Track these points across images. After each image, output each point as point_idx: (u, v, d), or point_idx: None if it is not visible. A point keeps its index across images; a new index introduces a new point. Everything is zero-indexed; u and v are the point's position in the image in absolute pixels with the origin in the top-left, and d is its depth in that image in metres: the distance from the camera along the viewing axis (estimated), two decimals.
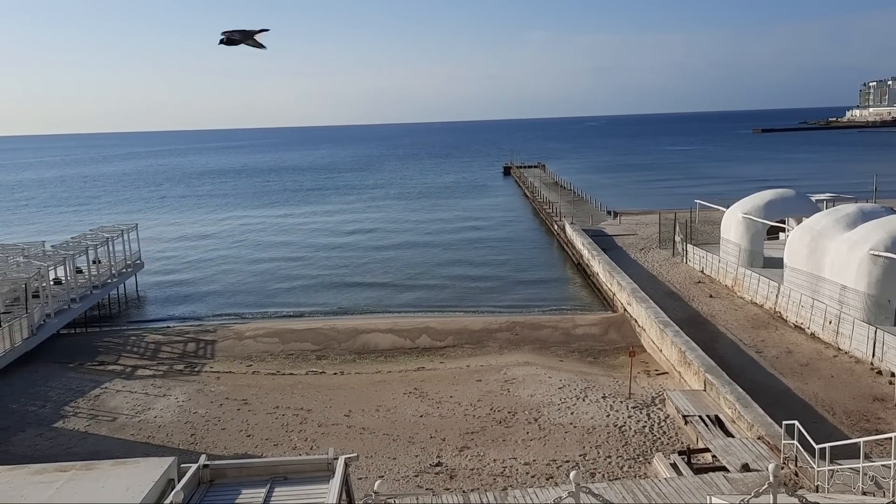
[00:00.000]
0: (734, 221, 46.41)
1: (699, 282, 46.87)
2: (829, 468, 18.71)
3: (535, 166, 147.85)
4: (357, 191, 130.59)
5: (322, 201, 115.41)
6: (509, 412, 27.82)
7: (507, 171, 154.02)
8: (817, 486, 18.87)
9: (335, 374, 34.83)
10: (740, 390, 25.85)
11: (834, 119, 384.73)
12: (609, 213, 77.49)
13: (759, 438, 22.68)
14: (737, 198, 50.23)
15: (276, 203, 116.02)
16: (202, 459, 13.92)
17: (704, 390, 27.53)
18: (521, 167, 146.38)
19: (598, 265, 49.55)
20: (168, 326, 44.89)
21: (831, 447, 18.82)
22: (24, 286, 40.61)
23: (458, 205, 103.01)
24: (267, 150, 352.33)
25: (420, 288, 54.20)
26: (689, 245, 52.57)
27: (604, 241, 59.81)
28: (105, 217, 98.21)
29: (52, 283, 44.40)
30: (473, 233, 77.97)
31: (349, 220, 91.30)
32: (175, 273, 62.90)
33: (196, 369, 35.98)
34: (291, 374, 35.02)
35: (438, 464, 23.90)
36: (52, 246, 50.58)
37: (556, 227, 72.24)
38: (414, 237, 76.71)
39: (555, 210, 78.58)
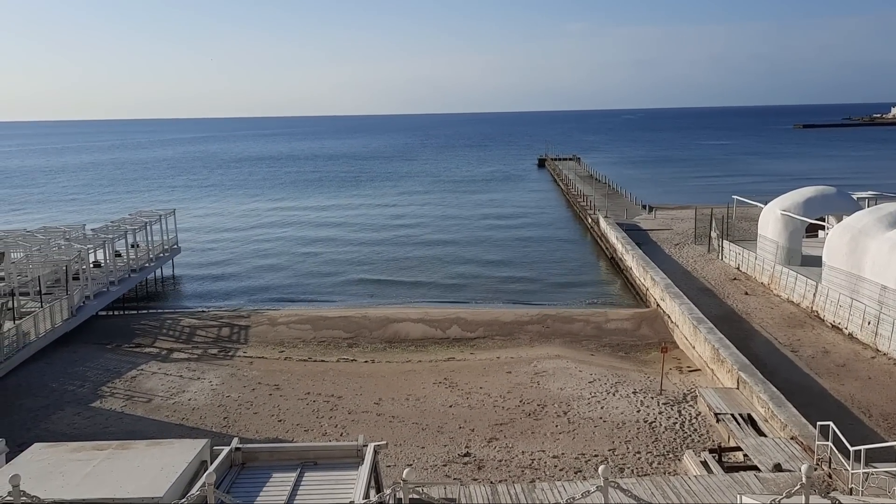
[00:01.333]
0: (772, 218, 45.68)
1: (734, 279, 46.29)
2: (864, 471, 18.38)
3: (570, 159, 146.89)
4: (391, 180, 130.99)
5: (356, 190, 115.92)
6: (539, 405, 27.81)
7: (541, 164, 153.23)
8: (851, 489, 18.56)
9: (366, 362, 35.09)
10: (774, 389, 25.50)
11: (878, 115, 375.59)
12: (644, 207, 76.77)
13: (792, 438, 22.37)
14: (775, 194, 49.43)
15: (309, 192, 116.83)
16: (234, 442, 14.15)
17: (737, 388, 27.22)
18: (555, 159, 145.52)
19: (632, 260, 49.19)
20: (203, 311, 45.56)
21: (867, 450, 18.49)
22: (64, 268, 41.52)
23: (491, 196, 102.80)
24: (303, 139, 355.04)
25: (451, 278, 54.25)
26: (725, 241, 51.90)
27: (638, 236, 59.29)
28: (143, 202, 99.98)
29: (91, 265, 45.31)
30: (506, 225, 77.78)
31: (383, 210, 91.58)
32: (211, 258, 63.78)
33: (230, 354, 36.50)
34: (323, 360, 35.36)
35: (467, 454, 23.98)
36: (92, 229, 51.63)
37: (589, 220, 71.77)
38: (446, 227, 76.75)
39: (589, 203, 78.03)
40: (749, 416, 24.77)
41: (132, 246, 49.92)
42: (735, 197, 62.75)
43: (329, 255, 63.84)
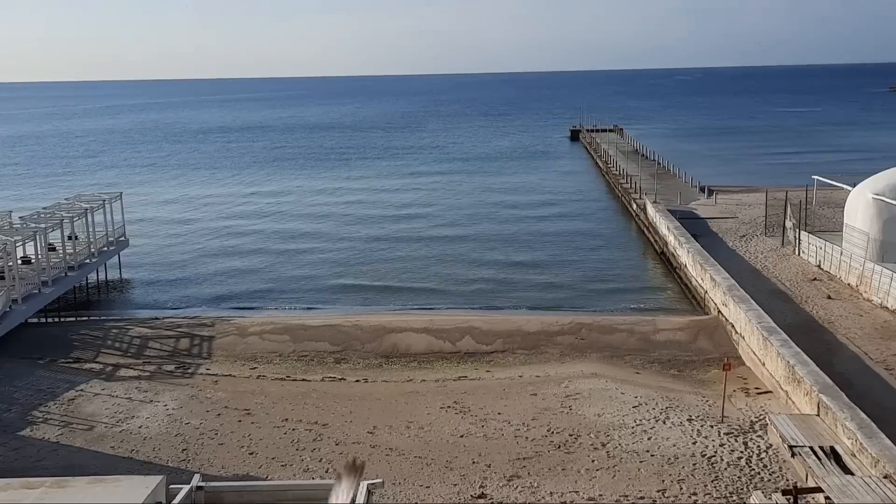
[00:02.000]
0: (862, 204, 45.45)
1: (815, 279, 46.10)
2: None
3: (611, 130, 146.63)
4: (390, 158, 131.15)
5: (347, 169, 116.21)
6: (571, 435, 27.80)
7: (574, 136, 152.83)
8: None
9: (357, 381, 35.12)
10: (864, 416, 25.40)
11: None
12: (702, 189, 76.52)
13: (885, 477, 22.31)
14: (866, 174, 49.14)
15: (290, 170, 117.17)
16: (195, 480, 14.23)
17: (818, 415, 27.14)
18: (592, 131, 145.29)
19: (687, 255, 49.09)
20: (157, 318, 45.63)
21: None
22: None
23: (513, 176, 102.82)
24: (284, 105, 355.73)
25: (463, 278, 54.33)
26: (802, 232, 51.69)
27: (695, 226, 59.11)
28: (85, 183, 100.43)
29: (19, 262, 45.48)
30: (531, 211, 77.84)
31: (378, 196, 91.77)
32: (167, 254, 64.07)
33: (189, 371, 36.61)
34: (304, 379, 35.41)
35: (482, 495, 24.00)
36: (20, 217, 51.81)
37: (634, 206, 71.58)
38: (456, 218, 76.80)
39: (634, 185, 77.89)
40: (832, 449, 24.68)
41: (69, 238, 50.14)
42: (816, 177, 62.54)
43: (312, 252, 64.02)
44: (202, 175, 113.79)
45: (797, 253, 51.64)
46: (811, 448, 24.81)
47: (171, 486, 14.64)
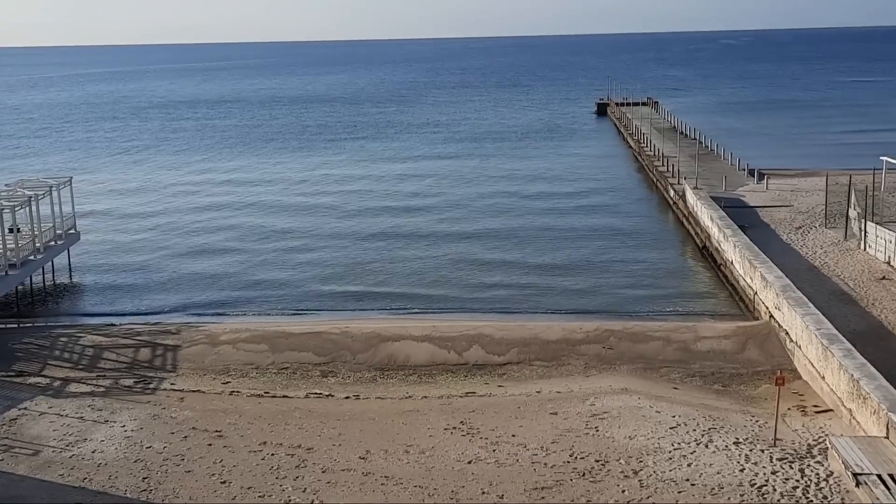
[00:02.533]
0: None
1: (883, 278, 45.95)
2: None
3: (644, 103, 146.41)
4: (386, 136, 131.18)
5: (336, 152, 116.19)
6: (597, 461, 27.74)
7: (601, 110, 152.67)
8: None
9: (347, 398, 35.06)
10: None
11: None
12: (751, 173, 76.34)
13: None
14: None
15: (269, 153, 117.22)
16: None
17: (887, 437, 27.03)
18: (622, 104, 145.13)
19: (734, 251, 48.99)
20: (113, 324, 45.63)
21: None
22: None
23: (529, 160, 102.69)
24: (262, 74, 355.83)
25: (470, 278, 54.33)
26: (869, 223, 51.52)
27: (743, 216, 58.96)
28: (29, 167, 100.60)
29: None
30: (549, 202, 77.80)
31: (373, 181, 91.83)
32: (125, 249, 64.14)
33: (151, 386, 36.55)
34: (285, 396, 35.35)
35: None
36: None
37: (672, 193, 71.41)
38: (464, 202, 76.84)
39: (671, 168, 77.73)
40: None
41: (10, 231, 50.18)
42: (885, 159, 62.31)
43: (295, 249, 63.90)
44: (167, 158, 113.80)
45: (863, 248, 51.46)
46: (879, 476, 24.70)
47: None
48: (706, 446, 28.44)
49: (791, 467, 26.84)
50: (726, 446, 28.36)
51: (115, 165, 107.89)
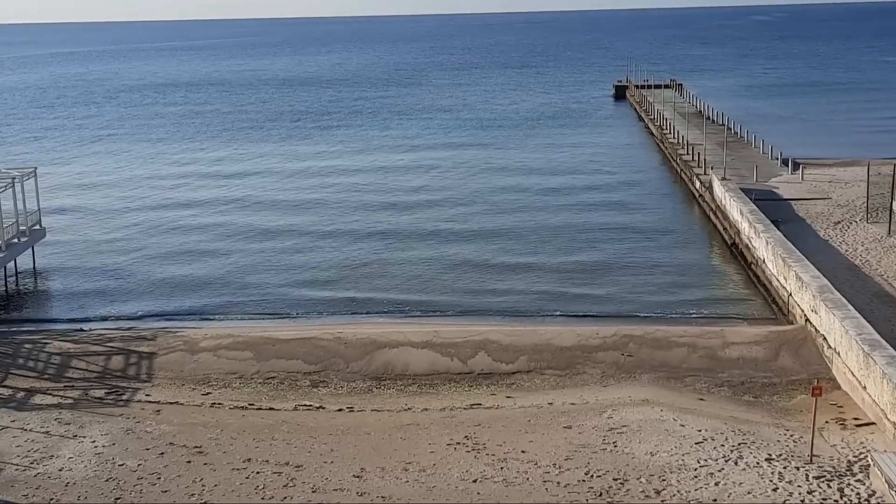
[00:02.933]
0: None
1: None
2: None
3: (667, 86, 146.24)
4: (384, 123, 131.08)
5: (328, 140, 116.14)
6: (616, 479, 27.74)
7: (620, 93, 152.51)
8: None
9: (340, 410, 35.05)
10: None
11: None
12: (785, 162, 76.22)
13: None
14: None
15: (254, 140, 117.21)
16: None
17: None
18: (642, 87, 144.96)
19: (766, 248, 48.93)
20: (82, 329, 45.72)
21: None
22: None
23: (541, 147, 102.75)
24: (247, 54, 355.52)
25: (475, 278, 54.36)
26: None
27: (776, 209, 58.90)
28: None
29: None
30: (564, 193, 77.86)
31: (369, 171, 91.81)
32: (95, 247, 64.20)
33: (124, 397, 36.54)
34: (272, 408, 35.35)
35: None
36: None
37: (697, 184, 71.35)
38: (468, 197, 76.91)
39: (697, 157, 77.64)
40: None
41: None
42: None
43: (283, 249, 63.83)
44: (143, 148, 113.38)
45: None
46: None
47: None
48: (735, 463, 28.41)
49: (829, 486, 26.81)
50: (758, 463, 28.33)
51: (85, 156, 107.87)
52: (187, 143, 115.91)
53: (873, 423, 31.51)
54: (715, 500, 26.36)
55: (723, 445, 29.67)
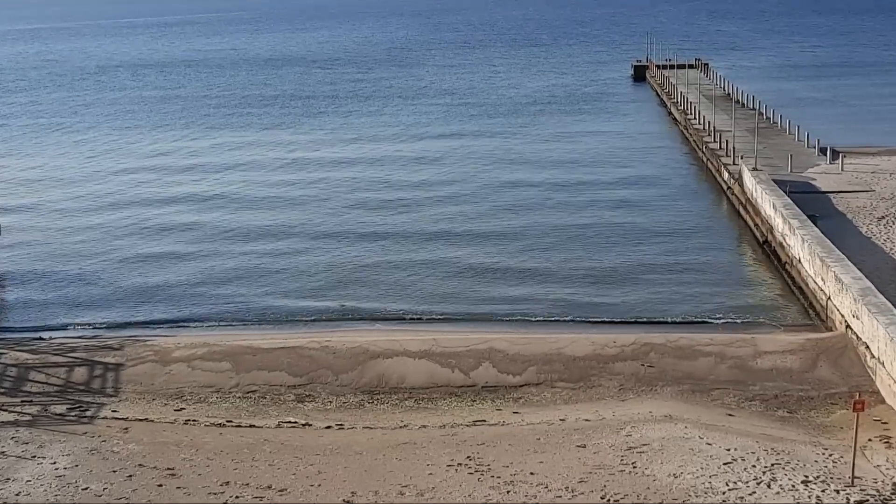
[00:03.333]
0: None
1: None
2: None
3: (691, 66, 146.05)
4: (375, 107, 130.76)
5: (314, 127, 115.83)
6: None
7: (639, 74, 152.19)
8: None
9: (329, 427, 35.02)
10: None
11: None
12: (822, 151, 76.11)
13: None
14: None
15: (232, 129, 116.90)
16: None
17: None
18: (664, 66, 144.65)
19: (802, 246, 48.85)
20: (41, 338, 45.71)
21: None
22: None
23: (551, 135, 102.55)
24: (223, 32, 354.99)
25: (478, 281, 54.39)
26: None
27: (813, 203, 58.81)
28: None
29: None
30: (576, 186, 77.86)
31: (360, 163, 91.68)
32: (56, 248, 64.25)
33: (88, 414, 36.47)
34: (253, 425, 35.30)
35: None
36: None
37: (725, 175, 71.29)
38: (470, 192, 76.91)
39: (724, 146, 77.58)
40: None
41: None
42: None
43: (265, 250, 63.69)
44: (110, 137, 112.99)
45: None
46: None
47: None
48: (768, 486, 28.32)
49: None
50: (793, 486, 28.24)
51: (46, 147, 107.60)
52: (160, 133, 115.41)
53: None
54: None
55: (754, 466, 29.58)
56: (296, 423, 35.61)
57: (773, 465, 29.68)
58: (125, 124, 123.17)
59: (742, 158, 70.31)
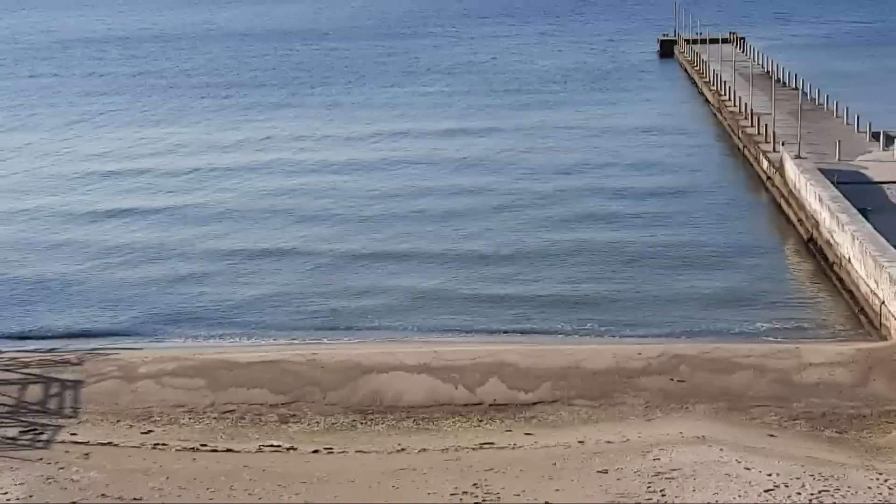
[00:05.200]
0: None
1: None
2: None
3: (725, 40, 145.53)
4: (367, 88, 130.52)
5: (299, 110, 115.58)
6: None
7: (666, 50, 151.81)
8: None
9: (316, 452, 35.00)
10: None
11: None
12: (875, 136, 75.92)
13: None
14: None
15: (206, 112, 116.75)
16: None
17: None
18: (694, 41, 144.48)
19: (852, 243, 48.83)
20: None
21: None
22: None
23: (568, 118, 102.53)
24: (193, 2, 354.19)
25: (485, 284, 54.45)
26: None
27: (864, 195, 58.74)
28: None
29: None
30: (595, 175, 77.94)
31: (352, 145, 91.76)
32: (5, 248, 64.36)
33: (43, 437, 36.47)
34: (230, 450, 35.27)
35: None
36: None
37: (765, 163, 71.28)
38: (478, 184, 77.02)
39: (763, 130, 77.57)
40: None
41: None
42: None
43: (243, 251, 63.47)
44: (64, 125, 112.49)
45: None
46: None
47: None
48: None
49: None
50: None
51: None
52: (122, 117, 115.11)
53: None
54: None
55: (799, 493, 29.60)
56: (279, 446, 35.56)
57: (820, 492, 29.70)
58: (83, 108, 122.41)
59: (783, 145, 70.34)
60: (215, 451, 35.31)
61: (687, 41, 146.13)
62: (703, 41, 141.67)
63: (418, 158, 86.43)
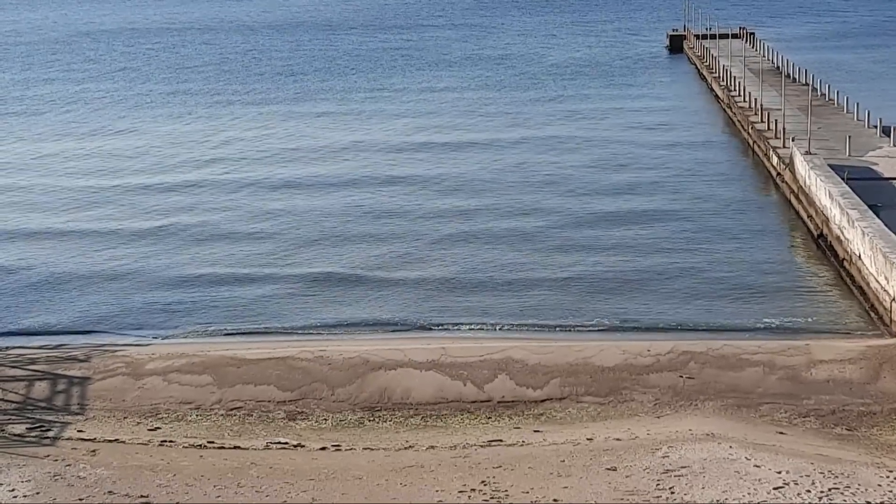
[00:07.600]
0: None
1: None
2: None
3: (735, 35, 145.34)
4: (374, 81, 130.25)
5: (306, 104, 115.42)
6: None
7: (675, 45, 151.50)
8: None
9: (324, 448, 35.03)
10: None
11: None
12: (885, 132, 75.80)
13: None
14: None
15: (211, 106, 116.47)
16: None
17: None
18: (704, 36, 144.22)
19: (863, 240, 48.75)
20: None
21: None
22: None
23: (576, 113, 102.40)
24: None
25: (493, 281, 54.39)
26: None
27: (875, 191, 58.61)
28: None
29: None
30: (604, 171, 77.85)
31: (357, 147, 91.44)
32: (10, 242, 64.42)
33: (50, 434, 36.54)
34: (238, 447, 35.33)
35: None
36: None
37: (775, 159, 71.17)
38: (482, 178, 76.91)
39: (773, 126, 77.48)
40: None
41: None
42: None
43: (251, 245, 63.54)
44: (73, 116, 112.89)
45: None
46: None
47: None
48: None
49: None
50: None
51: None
52: (130, 111, 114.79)
53: None
54: None
55: (809, 491, 29.55)
56: (286, 443, 35.63)
57: (830, 489, 29.65)
58: (90, 101, 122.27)
59: (793, 141, 70.24)
60: (223, 448, 35.37)
61: (696, 36, 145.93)
62: (713, 36, 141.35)
63: (424, 154, 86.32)
